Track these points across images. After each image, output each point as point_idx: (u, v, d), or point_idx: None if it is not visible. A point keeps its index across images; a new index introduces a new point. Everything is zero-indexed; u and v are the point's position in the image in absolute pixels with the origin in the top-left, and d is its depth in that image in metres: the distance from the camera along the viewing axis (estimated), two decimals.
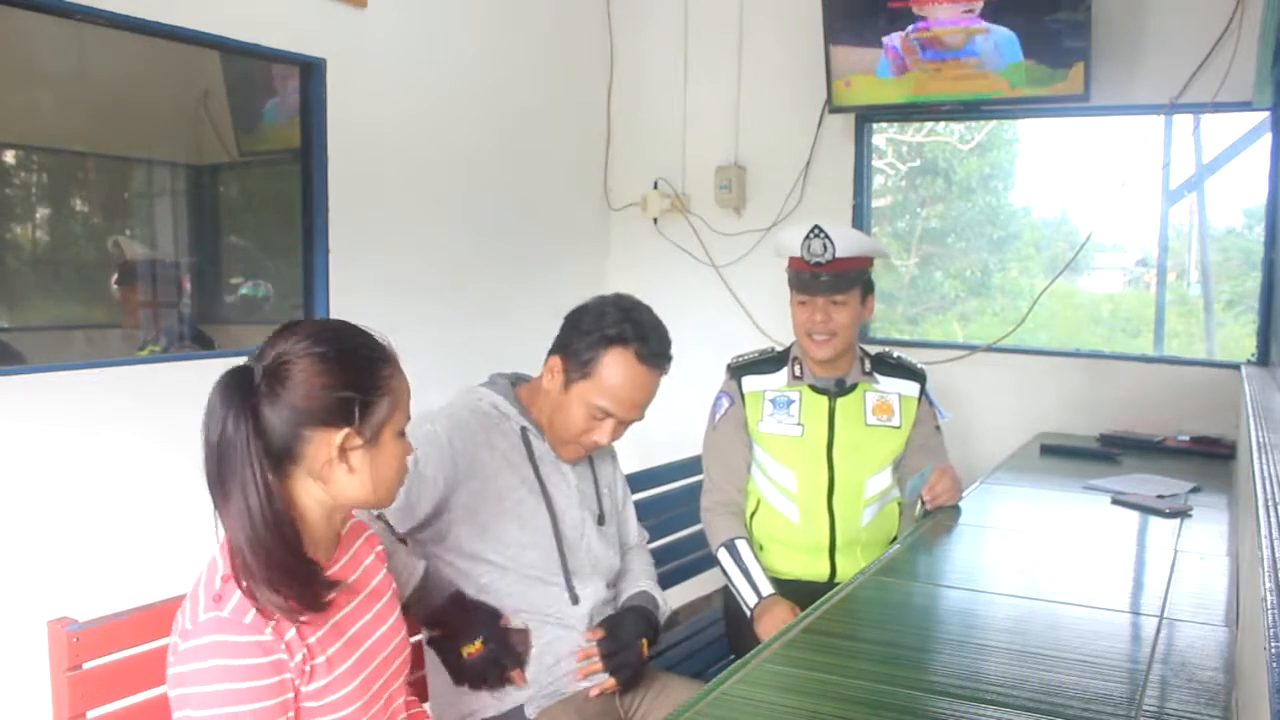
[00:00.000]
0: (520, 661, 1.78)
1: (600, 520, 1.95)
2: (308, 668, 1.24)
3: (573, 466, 1.91)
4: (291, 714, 1.23)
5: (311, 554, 1.29)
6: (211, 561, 1.25)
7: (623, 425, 1.87)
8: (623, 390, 1.81)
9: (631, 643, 1.85)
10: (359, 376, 1.28)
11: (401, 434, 1.35)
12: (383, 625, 1.40)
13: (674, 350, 1.91)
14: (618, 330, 1.80)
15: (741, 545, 2.38)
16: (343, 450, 1.26)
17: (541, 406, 1.88)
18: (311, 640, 1.25)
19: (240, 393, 1.22)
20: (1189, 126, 3.47)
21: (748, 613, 2.31)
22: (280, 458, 1.24)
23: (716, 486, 2.48)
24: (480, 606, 1.77)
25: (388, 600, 1.44)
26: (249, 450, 1.21)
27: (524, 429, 1.86)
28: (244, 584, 1.20)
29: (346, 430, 1.26)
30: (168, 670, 1.23)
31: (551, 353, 1.88)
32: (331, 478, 1.27)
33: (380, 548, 1.48)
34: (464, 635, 1.73)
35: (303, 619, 1.24)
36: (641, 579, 2.03)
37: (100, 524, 2.52)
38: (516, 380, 1.95)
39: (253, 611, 1.20)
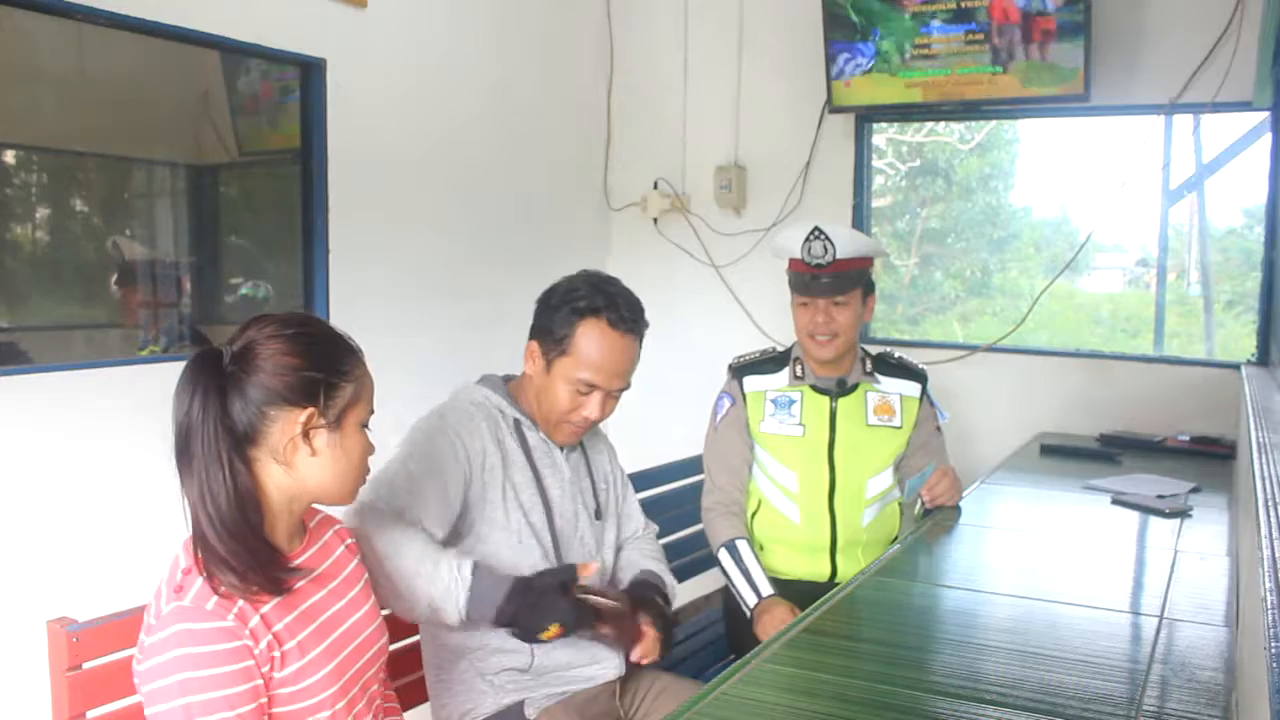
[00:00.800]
0: (599, 618, 1.70)
1: (597, 514, 1.95)
2: (276, 654, 1.25)
3: (566, 458, 1.91)
4: (263, 700, 1.24)
5: (272, 539, 1.30)
6: (174, 560, 1.27)
7: (611, 398, 1.86)
8: (601, 359, 1.81)
9: (659, 613, 1.85)
10: (325, 359, 1.31)
11: (364, 427, 1.36)
12: (355, 613, 1.41)
13: (674, 350, 1.92)
14: (587, 302, 1.82)
15: (742, 545, 2.38)
16: (306, 431, 1.28)
17: (529, 395, 1.89)
18: (278, 627, 1.26)
19: (207, 373, 1.25)
20: (1189, 126, 3.47)
21: (747, 613, 2.31)
22: (244, 439, 1.27)
23: (717, 487, 2.48)
24: (539, 589, 1.64)
25: (360, 590, 1.45)
26: (215, 429, 1.23)
27: (517, 421, 1.86)
28: (205, 565, 1.22)
29: (311, 410, 1.28)
30: (136, 668, 1.24)
31: (529, 339, 1.89)
32: (295, 461, 1.29)
33: (351, 540, 1.49)
34: (538, 625, 1.63)
35: (264, 607, 1.25)
36: (643, 562, 2.01)
37: (100, 524, 2.52)
38: (508, 378, 1.96)
39: (214, 599, 1.21)
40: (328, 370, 1.30)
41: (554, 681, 1.82)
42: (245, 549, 1.23)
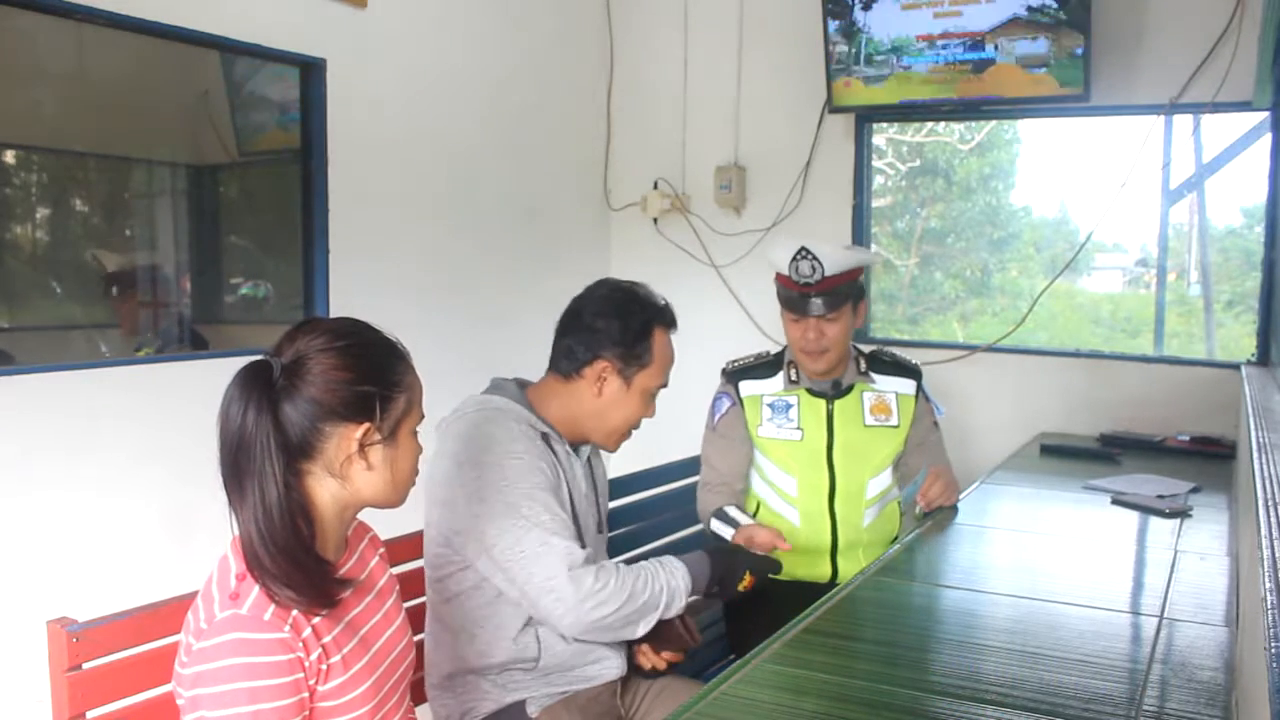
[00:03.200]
0: (774, 563, 2.02)
1: (599, 528, 1.96)
2: (324, 666, 1.24)
3: (584, 472, 1.92)
4: (306, 713, 1.23)
5: (323, 553, 1.29)
6: (223, 559, 1.25)
7: None
8: (669, 361, 1.94)
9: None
10: (378, 372, 1.29)
11: (415, 432, 1.35)
12: (391, 625, 1.40)
13: (674, 349, 1.96)
14: (650, 311, 1.90)
15: (731, 509, 2.33)
16: (362, 446, 1.27)
17: (572, 411, 1.87)
18: (327, 639, 1.25)
19: (259, 387, 1.22)
20: (1189, 126, 3.47)
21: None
22: (298, 453, 1.24)
23: (715, 470, 2.47)
24: (725, 551, 1.97)
25: (394, 600, 1.44)
26: (268, 445, 1.20)
27: (545, 435, 1.84)
28: (259, 578, 1.20)
29: (366, 425, 1.27)
30: (180, 671, 1.22)
31: (586, 360, 1.85)
32: (350, 474, 1.28)
33: (383, 550, 1.48)
34: (735, 580, 1.90)
35: (316, 618, 1.24)
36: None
37: (99, 524, 2.52)
38: (521, 384, 1.94)
39: (271, 608, 1.19)
40: (380, 382, 1.28)
41: (557, 681, 1.82)
42: (297, 566, 1.21)
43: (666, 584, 1.77)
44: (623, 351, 1.85)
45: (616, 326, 1.84)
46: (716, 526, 2.35)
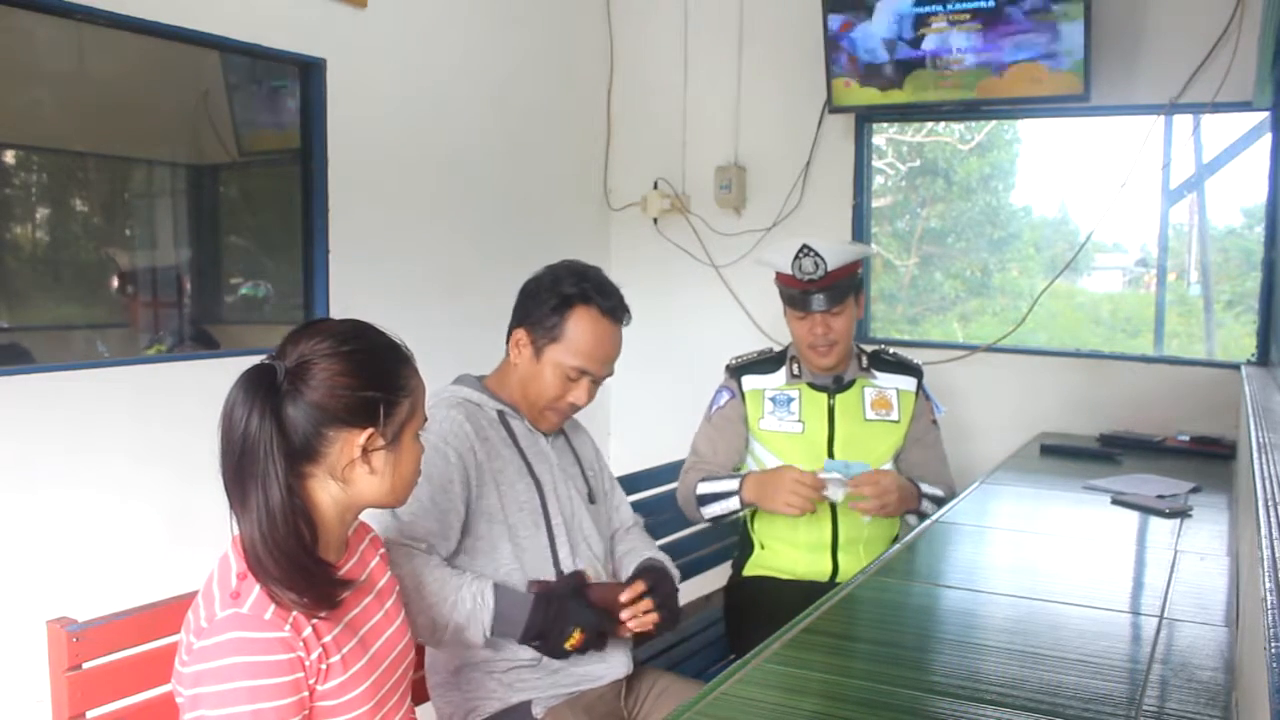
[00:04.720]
0: (611, 626, 1.76)
1: (590, 499, 1.96)
2: (323, 666, 1.24)
3: (552, 444, 1.92)
4: (306, 713, 1.23)
5: (323, 554, 1.29)
6: (224, 559, 1.25)
7: (595, 384, 1.89)
8: (592, 347, 1.84)
9: (672, 591, 1.88)
10: (382, 377, 1.29)
11: (418, 434, 1.35)
12: (391, 625, 1.41)
13: (672, 349, 1.94)
14: (577, 289, 1.84)
15: (718, 473, 2.41)
16: (365, 451, 1.27)
17: (512, 385, 1.90)
18: (327, 639, 1.25)
19: (263, 391, 1.22)
20: (1189, 126, 3.47)
21: (738, 505, 2.34)
22: (301, 457, 1.25)
23: (700, 456, 2.50)
24: (558, 599, 1.72)
25: (394, 601, 1.45)
26: (271, 449, 1.21)
27: (500, 413, 1.87)
28: (259, 580, 1.20)
29: (370, 430, 1.27)
30: (180, 670, 1.23)
31: (513, 327, 1.90)
32: (353, 478, 1.28)
33: (383, 550, 1.49)
34: (562, 634, 1.70)
35: (315, 617, 1.24)
36: (646, 550, 2.04)
37: (101, 524, 2.52)
38: (483, 377, 1.97)
39: (272, 608, 1.20)
40: (385, 388, 1.28)
41: (563, 680, 1.82)
42: (298, 568, 1.21)
43: (465, 602, 1.65)
44: (535, 321, 1.85)
45: (540, 297, 1.86)
46: (711, 486, 2.37)
